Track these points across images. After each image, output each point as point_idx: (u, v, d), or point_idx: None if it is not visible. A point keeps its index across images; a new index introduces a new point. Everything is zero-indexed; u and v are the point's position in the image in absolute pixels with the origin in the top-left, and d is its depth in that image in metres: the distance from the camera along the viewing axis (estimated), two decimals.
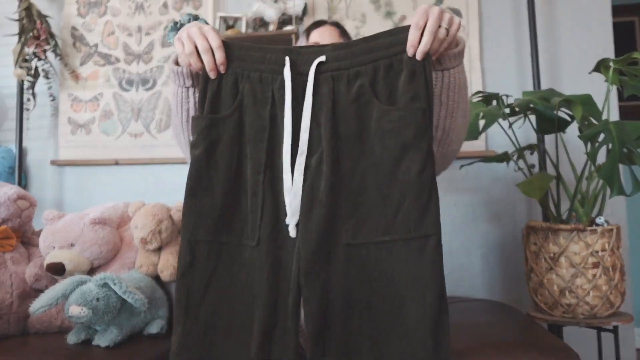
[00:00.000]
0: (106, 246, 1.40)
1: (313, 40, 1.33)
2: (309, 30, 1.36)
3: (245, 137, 0.79)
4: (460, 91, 0.87)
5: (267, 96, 0.79)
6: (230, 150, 0.78)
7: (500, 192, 1.89)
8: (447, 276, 1.94)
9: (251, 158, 0.78)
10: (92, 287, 1.16)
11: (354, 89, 0.76)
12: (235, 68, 0.79)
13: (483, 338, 1.11)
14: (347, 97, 0.77)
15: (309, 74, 0.77)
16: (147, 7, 2.16)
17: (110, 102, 2.14)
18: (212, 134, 0.78)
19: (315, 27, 1.36)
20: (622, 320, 1.36)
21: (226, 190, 0.78)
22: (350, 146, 0.76)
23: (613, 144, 1.22)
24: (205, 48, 0.78)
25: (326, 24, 1.36)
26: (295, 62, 0.79)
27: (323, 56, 0.77)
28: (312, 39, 1.34)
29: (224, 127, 0.78)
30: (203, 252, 0.77)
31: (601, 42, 1.88)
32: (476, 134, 1.54)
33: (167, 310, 1.38)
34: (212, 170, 0.78)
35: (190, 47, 0.79)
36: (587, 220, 1.40)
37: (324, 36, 1.33)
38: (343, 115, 0.76)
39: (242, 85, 0.79)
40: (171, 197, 2.05)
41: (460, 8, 1.95)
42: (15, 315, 1.31)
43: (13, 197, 1.43)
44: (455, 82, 0.85)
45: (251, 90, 0.79)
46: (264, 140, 0.78)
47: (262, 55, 0.80)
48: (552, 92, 1.50)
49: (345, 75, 0.77)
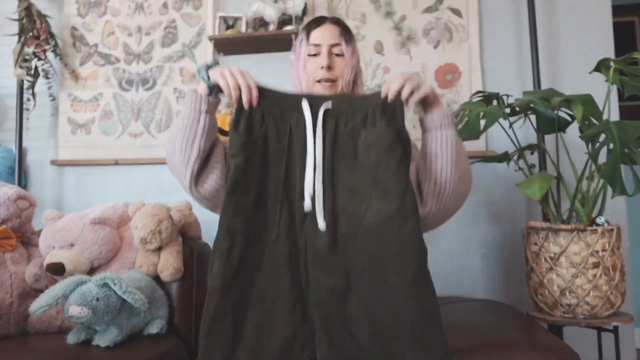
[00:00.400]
0: (106, 246, 1.40)
1: (313, 42, 1.31)
2: (309, 29, 1.34)
3: (269, 157, 1.01)
4: (454, 148, 1.05)
5: (286, 129, 1.02)
6: (259, 165, 1.00)
7: (500, 192, 1.89)
8: (447, 276, 1.95)
9: (273, 173, 1.00)
10: (92, 287, 1.16)
11: (349, 126, 1.02)
12: (263, 104, 1.02)
13: (483, 338, 1.11)
14: (345, 130, 1.02)
15: (318, 113, 1.02)
16: (147, 7, 2.16)
17: (110, 102, 2.13)
18: (247, 149, 0.99)
19: (315, 25, 1.34)
20: (622, 320, 1.36)
21: (255, 194, 0.99)
22: (345, 160, 1.02)
23: (614, 144, 1.22)
24: (246, 85, 1.01)
25: (326, 22, 1.34)
26: (309, 104, 1.02)
27: (329, 102, 1.03)
28: (312, 40, 1.32)
29: (255, 146, 1.00)
30: (237, 240, 0.96)
31: (601, 42, 1.88)
32: (476, 134, 1.54)
33: (167, 310, 1.38)
34: (246, 176, 0.98)
35: (234, 82, 1.00)
36: (587, 220, 1.40)
37: (325, 36, 1.31)
38: (340, 141, 1.02)
39: (267, 117, 1.02)
40: (171, 197, 2.05)
41: (460, 8, 1.95)
42: (15, 316, 1.32)
43: (13, 197, 1.43)
44: (447, 140, 1.05)
45: (274, 123, 1.02)
46: (282, 161, 1.01)
47: (284, 97, 1.04)
48: (552, 92, 1.50)
49: (344, 117, 1.03)
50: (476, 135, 1.44)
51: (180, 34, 2.12)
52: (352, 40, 1.35)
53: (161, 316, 1.34)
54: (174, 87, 2.10)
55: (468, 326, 1.22)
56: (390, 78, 1.07)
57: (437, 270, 1.46)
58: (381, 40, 1.99)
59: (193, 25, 2.12)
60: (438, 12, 1.97)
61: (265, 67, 2.06)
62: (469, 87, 1.92)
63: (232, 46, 2.01)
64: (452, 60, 1.94)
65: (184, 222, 1.50)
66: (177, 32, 2.12)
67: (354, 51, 1.33)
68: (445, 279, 1.88)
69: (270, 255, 0.98)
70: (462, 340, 1.11)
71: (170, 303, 1.40)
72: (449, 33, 1.95)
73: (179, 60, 2.11)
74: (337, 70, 1.30)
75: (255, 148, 1.00)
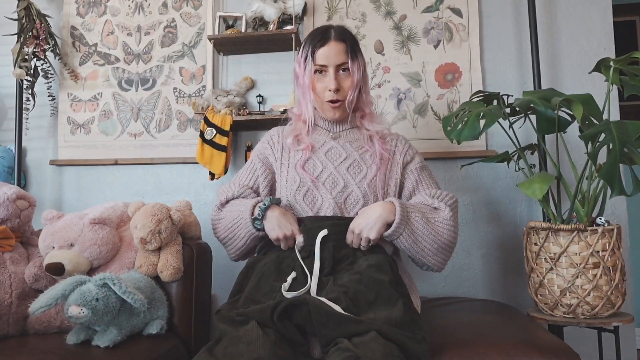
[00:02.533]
0: (106, 246, 1.40)
1: (319, 62, 1.33)
2: (314, 49, 1.35)
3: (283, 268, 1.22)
4: (419, 244, 1.24)
5: (295, 255, 1.22)
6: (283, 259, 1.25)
7: (500, 192, 1.89)
8: (447, 276, 1.95)
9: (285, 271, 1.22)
10: (92, 288, 1.16)
11: (344, 250, 1.23)
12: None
13: (483, 338, 1.11)
14: (341, 251, 1.23)
15: (317, 239, 1.21)
16: (146, 7, 2.16)
17: (110, 102, 2.13)
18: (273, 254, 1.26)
19: (320, 45, 1.34)
20: (622, 320, 1.36)
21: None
22: (344, 269, 1.20)
23: (614, 144, 1.22)
24: (285, 237, 1.25)
25: (331, 40, 1.34)
26: (314, 233, 1.23)
27: (325, 230, 1.22)
28: (318, 60, 1.33)
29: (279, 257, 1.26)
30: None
31: (602, 41, 1.88)
32: (476, 134, 1.53)
33: (167, 311, 1.38)
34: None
35: (282, 235, 1.24)
36: (587, 220, 1.40)
37: (330, 57, 1.33)
38: (337, 255, 1.22)
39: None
40: (171, 197, 2.05)
41: (460, 7, 1.95)
42: (14, 316, 1.31)
43: (12, 197, 1.43)
44: (411, 242, 1.23)
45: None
46: (291, 269, 1.20)
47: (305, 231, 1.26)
48: (552, 91, 1.50)
49: (342, 239, 1.25)
50: (476, 135, 1.43)
51: (180, 33, 2.12)
52: (358, 53, 1.38)
53: (161, 316, 1.34)
54: (174, 87, 2.10)
55: (468, 326, 1.22)
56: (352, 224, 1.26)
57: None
58: (381, 40, 1.99)
59: (193, 25, 2.11)
60: (438, 11, 1.97)
61: (265, 66, 2.06)
62: (469, 86, 1.91)
63: (232, 46, 2.01)
64: (452, 60, 1.94)
65: (184, 222, 1.50)
66: (177, 31, 2.12)
67: (360, 66, 1.37)
68: (445, 279, 1.88)
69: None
70: (462, 340, 1.11)
71: (170, 303, 1.40)
72: (449, 33, 1.95)
73: (178, 60, 2.10)
74: (345, 89, 1.36)
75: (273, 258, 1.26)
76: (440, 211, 1.28)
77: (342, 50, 1.34)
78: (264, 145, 1.45)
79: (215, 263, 1.62)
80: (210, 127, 1.90)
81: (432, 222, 1.25)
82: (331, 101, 1.35)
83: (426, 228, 1.24)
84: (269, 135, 1.47)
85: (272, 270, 1.19)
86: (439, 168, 1.92)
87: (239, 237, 1.32)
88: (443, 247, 1.26)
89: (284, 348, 0.98)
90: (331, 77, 1.33)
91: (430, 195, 1.33)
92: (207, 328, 1.54)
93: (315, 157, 1.36)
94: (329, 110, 1.37)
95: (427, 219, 1.25)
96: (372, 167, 1.34)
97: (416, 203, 1.31)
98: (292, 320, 1.02)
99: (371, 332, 0.95)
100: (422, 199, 1.33)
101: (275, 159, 1.42)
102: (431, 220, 1.25)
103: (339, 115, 1.38)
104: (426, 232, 1.24)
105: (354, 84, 1.35)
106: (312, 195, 1.31)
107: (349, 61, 1.34)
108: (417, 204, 1.30)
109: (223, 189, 1.41)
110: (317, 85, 1.36)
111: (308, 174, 1.33)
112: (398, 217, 1.21)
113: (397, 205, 1.22)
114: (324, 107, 1.38)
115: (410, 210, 1.24)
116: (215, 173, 1.90)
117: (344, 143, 1.39)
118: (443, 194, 1.34)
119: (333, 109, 1.36)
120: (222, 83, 2.08)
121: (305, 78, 1.36)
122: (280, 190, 1.37)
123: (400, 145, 1.42)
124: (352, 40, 1.38)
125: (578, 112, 1.28)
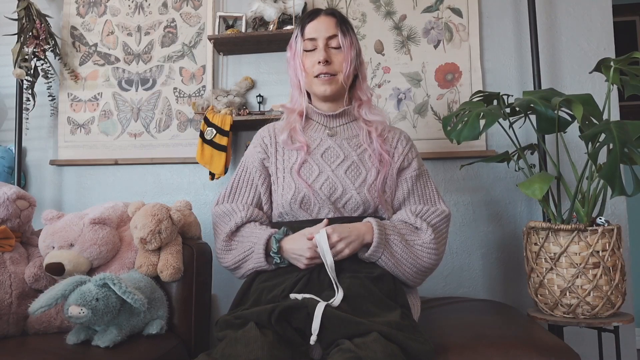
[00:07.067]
0: (106, 246, 1.40)
1: (308, 36, 1.29)
2: (303, 23, 1.31)
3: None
4: (400, 268, 1.20)
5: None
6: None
7: (500, 192, 1.89)
8: (448, 276, 1.95)
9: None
10: (92, 288, 1.16)
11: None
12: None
13: (483, 338, 1.11)
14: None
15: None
16: (146, 7, 2.16)
17: (110, 102, 2.13)
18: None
19: (309, 19, 1.31)
20: (623, 320, 1.36)
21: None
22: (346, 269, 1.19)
23: (614, 144, 1.22)
24: (307, 265, 1.19)
25: (321, 14, 1.30)
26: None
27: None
28: (307, 34, 1.29)
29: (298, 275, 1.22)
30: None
31: (602, 41, 1.88)
32: (476, 134, 1.53)
33: (167, 311, 1.37)
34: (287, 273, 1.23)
35: (307, 263, 1.18)
36: (587, 220, 1.40)
37: (320, 29, 1.28)
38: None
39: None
40: (171, 197, 2.05)
41: (460, 7, 1.95)
42: (14, 316, 1.31)
43: (12, 197, 1.43)
44: (391, 265, 1.20)
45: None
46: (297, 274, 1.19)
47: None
48: (552, 91, 1.50)
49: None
50: (476, 136, 1.43)
51: (180, 33, 2.12)
52: (350, 30, 1.31)
53: (161, 316, 1.34)
54: (174, 87, 2.09)
55: (468, 326, 1.22)
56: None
57: (438, 270, 1.45)
58: (381, 40, 1.99)
59: (193, 25, 2.11)
60: (438, 11, 1.97)
61: (265, 66, 2.06)
62: (469, 86, 1.91)
63: (232, 46, 2.01)
64: (452, 60, 1.94)
65: (184, 222, 1.50)
66: (177, 31, 2.12)
67: (353, 42, 1.30)
68: (445, 279, 1.87)
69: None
70: (462, 340, 1.11)
71: (170, 303, 1.40)
72: (449, 33, 1.95)
73: (178, 60, 2.10)
74: (336, 64, 1.28)
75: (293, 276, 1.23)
76: (422, 232, 1.23)
77: (332, 24, 1.29)
78: (256, 150, 1.36)
79: (215, 263, 1.62)
80: (210, 127, 1.90)
81: (412, 245, 1.22)
82: (322, 74, 1.27)
83: (405, 252, 1.20)
84: (260, 137, 1.38)
85: (274, 278, 1.20)
86: (439, 168, 1.92)
87: (246, 268, 1.27)
88: (422, 270, 1.23)
89: (282, 349, 0.98)
90: (320, 49, 1.27)
91: (414, 213, 1.26)
92: (207, 328, 1.54)
93: (312, 160, 1.28)
94: (318, 85, 1.28)
95: (407, 241, 1.21)
96: (372, 170, 1.27)
97: (397, 223, 1.25)
98: (291, 323, 1.02)
99: (373, 333, 0.95)
100: (404, 216, 1.26)
101: (270, 162, 1.34)
102: (410, 243, 1.22)
103: (330, 91, 1.29)
104: (405, 255, 1.21)
105: (347, 57, 1.27)
106: (308, 203, 1.25)
107: (339, 34, 1.27)
108: (398, 224, 1.24)
109: (226, 211, 1.32)
110: (306, 62, 1.30)
111: (304, 180, 1.25)
112: (376, 239, 1.17)
113: (374, 227, 1.18)
114: (314, 84, 1.29)
115: (390, 233, 1.20)
116: (215, 173, 1.90)
117: (341, 142, 1.31)
118: (429, 211, 1.27)
119: (323, 84, 1.28)
120: (222, 83, 2.08)
121: (297, 59, 1.31)
122: (276, 197, 1.31)
123: (400, 146, 1.34)
124: (343, 17, 1.32)
125: (578, 112, 1.28)
